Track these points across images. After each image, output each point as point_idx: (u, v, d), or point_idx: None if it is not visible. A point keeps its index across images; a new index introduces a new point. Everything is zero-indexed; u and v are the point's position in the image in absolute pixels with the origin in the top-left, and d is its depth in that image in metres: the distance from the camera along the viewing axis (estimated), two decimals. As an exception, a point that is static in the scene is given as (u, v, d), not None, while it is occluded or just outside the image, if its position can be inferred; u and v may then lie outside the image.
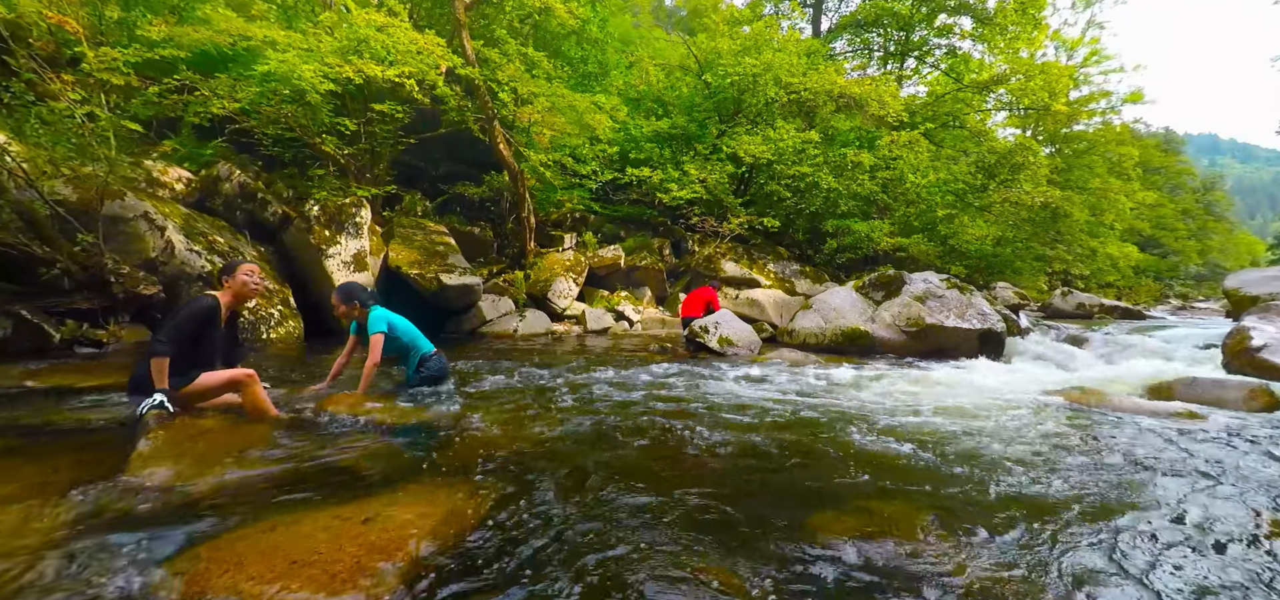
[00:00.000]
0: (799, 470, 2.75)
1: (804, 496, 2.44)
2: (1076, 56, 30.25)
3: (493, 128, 10.56)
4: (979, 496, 2.45)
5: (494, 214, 13.09)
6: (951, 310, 7.62)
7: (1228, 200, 50.69)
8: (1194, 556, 1.90)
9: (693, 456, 2.93)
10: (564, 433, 3.33)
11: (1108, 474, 2.76)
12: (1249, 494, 2.49)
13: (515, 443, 3.08)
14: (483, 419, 3.60)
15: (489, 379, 5.10)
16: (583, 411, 3.89)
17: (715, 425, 3.57)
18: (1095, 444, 3.25)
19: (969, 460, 2.93)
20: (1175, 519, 2.22)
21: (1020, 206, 16.55)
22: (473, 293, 9.35)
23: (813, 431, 3.46)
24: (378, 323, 4.12)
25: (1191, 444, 3.27)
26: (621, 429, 3.42)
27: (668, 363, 6.41)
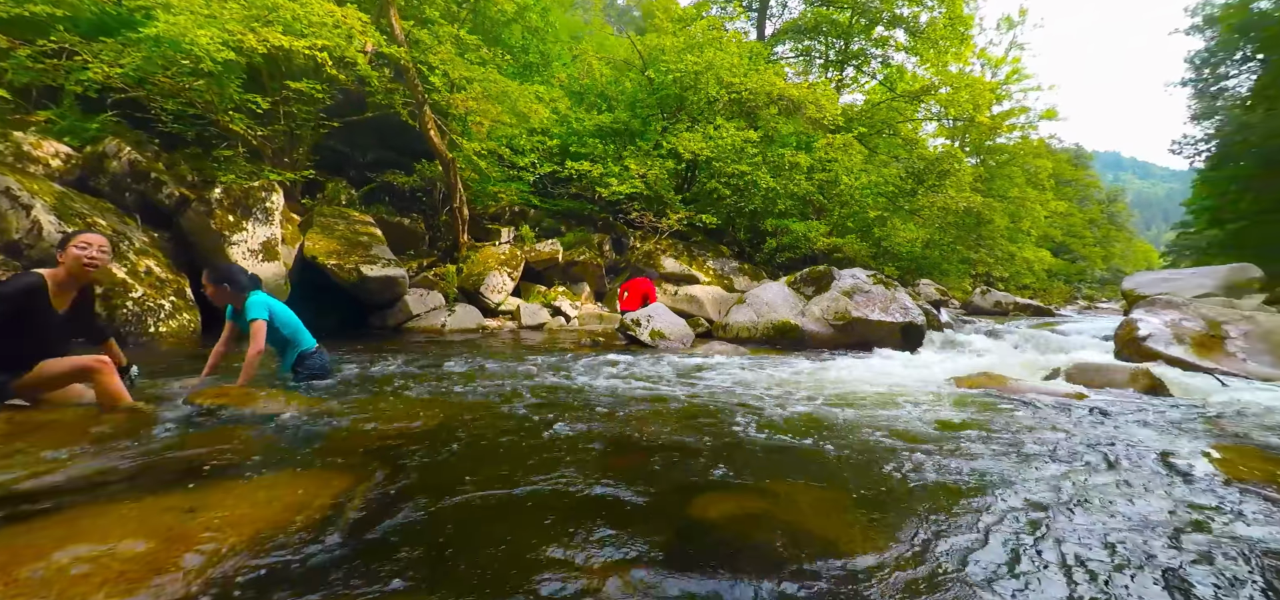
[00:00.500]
0: (701, 455, 2.64)
1: (699, 480, 2.32)
2: (1000, 74, 32.15)
3: (423, 113, 10.10)
4: (871, 473, 2.41)
5: (426, 205, 12.55)
6: (876, 305, 7.80)
7: (1128, 212, 55.31)
8: (1062, 519, 1.89)
9: (594, 445, 2.77)
10: (459, 422, 3.10)
11: (994, 445, 2.82)
12: (1117, 461, 2.56)
13: (402, 433, 2.84)
14: (372, 409, 3.32)
15: (400, 372, 4.78)
16: (488, 402, 3.66)
17: (627, 414, 3.43)
18: (988, 421, 3.31)
19: (867, 439, 2.90)
20: (1047, 483, 2.24)
21: (947, 211, 17.39)
22: (397, 286, 8.89)
23: (726, 418, 3.37)
24: (258, 309, 3.74)
25: (1073, 419, 3.39)
26: (524, 419, 3.23)
27: (596, 355, 6.24)
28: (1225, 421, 3.44)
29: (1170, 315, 6.07)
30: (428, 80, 10.04)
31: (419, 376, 4.53)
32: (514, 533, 1.71)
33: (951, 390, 4.31)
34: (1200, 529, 1.88)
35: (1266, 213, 21.87)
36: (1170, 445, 2.91)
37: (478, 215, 13.06)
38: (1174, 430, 3.23)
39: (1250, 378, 4.93)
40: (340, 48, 8.23)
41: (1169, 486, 2.31)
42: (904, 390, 4.28)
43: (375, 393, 3.86)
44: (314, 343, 4.20)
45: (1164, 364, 5.24)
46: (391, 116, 10.79)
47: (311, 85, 9.13)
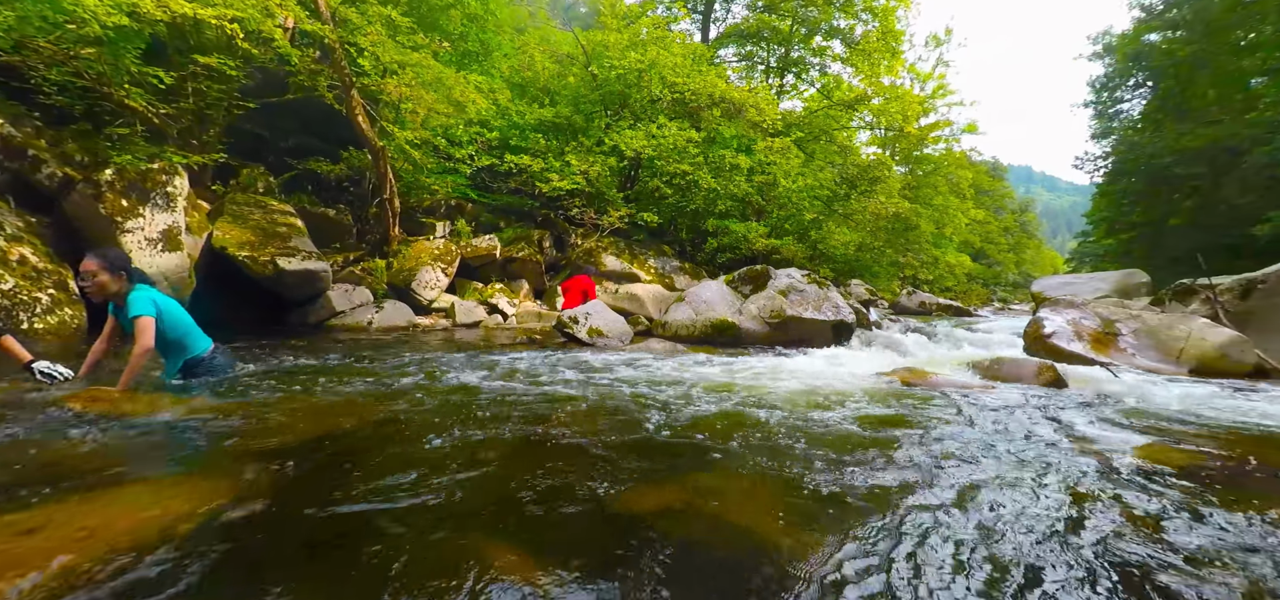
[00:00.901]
0: (631, 452, 2.55)
1: (626, 477, 2.23)
2: (927, 88, 33.96)
3: (350, 98, 9.55)
4: (796, 467, 2.40)
5: (354, 196, 11.91)
6: (810, 304, 7.99)
7: (1038, 221, 59.85)
8: (971, 505, 1.93)
9: (516, 445, 2.63)
10: (366, 425, 2.89)
11: (913, 438, 2.90)
12: (1019, 450, 2.69)
13: (299, 439, 2.60)
14: (269, 414, 3.05)
15: (312, 372, 4.45)
16: (405, 403, 3.45)
17: (556, 413, 3.30)
18: (908, 414, 3.41)
19: (794, 433, 2.91)
20: (958, 472, 2.30)
21: (878, 216, 18.17)
22: (318, 280, 8.36)
23: (658, 415, 3.31)
24: (143, 304, 3.35)
25: (986, 411, 3.56)
26: (442, 420, 3.04)
27: (531, 352, 6.06)
28: (1115, 410, 3.69)
29: (1071, 314, 6.52)
30: (356, 63, 9.51)
31: (333, 377, 4.23)
32: (415, 541, 1.56)
33: (876, 385, 4.43)
34: (1088, 509, 1.97)
35: (1153, 224, 24.16)
36: (1064, 433, 3.08)
37: (411, 208, 12.51)
38: (1068, 419, 3.43)
39: (1138, 370, 5.35)
40: (255, 21, 7.64)
41: (1062, 472, 2.42)
42: (832, 386, 4.36)
43: (279, 395, 3.55)
44: (208, 344, 3.81)
45: (1066, 359, 5.61)
46: (316, 100, 10.15)
47: (223, 61, 8.46)
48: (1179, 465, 2.54)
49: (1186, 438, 3.08)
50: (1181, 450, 2.81)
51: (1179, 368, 5.28)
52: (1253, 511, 1.98)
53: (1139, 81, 26.26)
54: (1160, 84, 24.54)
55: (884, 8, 19.59)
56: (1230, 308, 6.03)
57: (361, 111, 9.72)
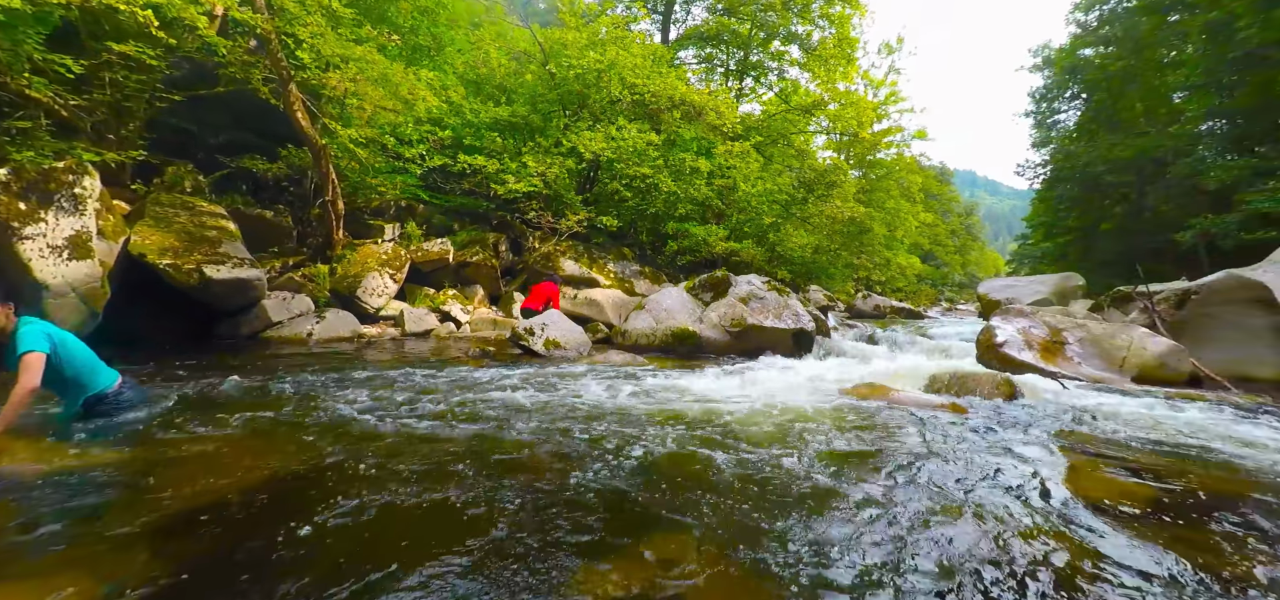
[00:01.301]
0: (583, 506, 2.34)
1: (573, 550, 2.02)
2: (880, 94, 34.88)
3: (288, 93, 8.95)
4: (767, 518, 2.24)
5: (294, 196, 11.21)
6: (770, 311, 7.95)
7: (981, 225, 62.62)
8: (944, 526, 1.81)
9: (462, 503, 2.38)
10: (287, 474, 2.58)
11: (885, 471, 2.80)
12: (991, 474, 2.62)
13: (205, 497, 2.28)
14: (174, 460, 2.70)
15: (240, 397, 4.04)
16: (336, 441, 3.13)
17: (505, 455, 3.05)
18: (876, 443, 3.33)
19: (762, 479, 2.76)
20: (932, 506, 2.20)
21: (834, 220, 18.45)
22: (251, 289, 7.79)
23: (618, 452, 3.10)
24: (33, 339, 2.93)
25: (952, 432, 3.52)
26: (378, 467, 2.75)
27: (484, 368, 5.75)
28: (1069, 428, 3.71)
29: (1021, 323, 6.66)
30: (295, 55, 8.91)
31: (259, 406, 3.84)
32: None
33: (841, 406, 4.35)
34: (1055, 539, 1.87)
35: (1087, 229, 25.50)
36: (1028, 456, 3.06)
37: (357, 210, 11.89)
38: (1030, 439, 3.42)
39: (1083, 380, 5.49)
40: (175, 7, 7.03)
41: (1029, 502, 2.34)
42: (798, 410, 4.25)
43: (191, 435, 3.17)
44: (114, 378, 3.38)
45: (1017, 369, 5.71)
46: (251, 94, 9.49)
47: (142, 49, 7.76)
48: (1129, 495, 2.51)
49: (1134, 460, 3.09)
50: (1130, 480, 2.79)
51: (1122, 376, 5.43)
52: (1190, 550, 1.93)
53: (1074, 93, 27.66)
54: (1093, 97, 25.91)
55: (840, 15, 19.91)
56: (1166, 317, 6.27)
57: (301, 107, 9.13)
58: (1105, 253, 23.68)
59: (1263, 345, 5.62)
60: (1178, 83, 19.64)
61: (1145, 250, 20.35)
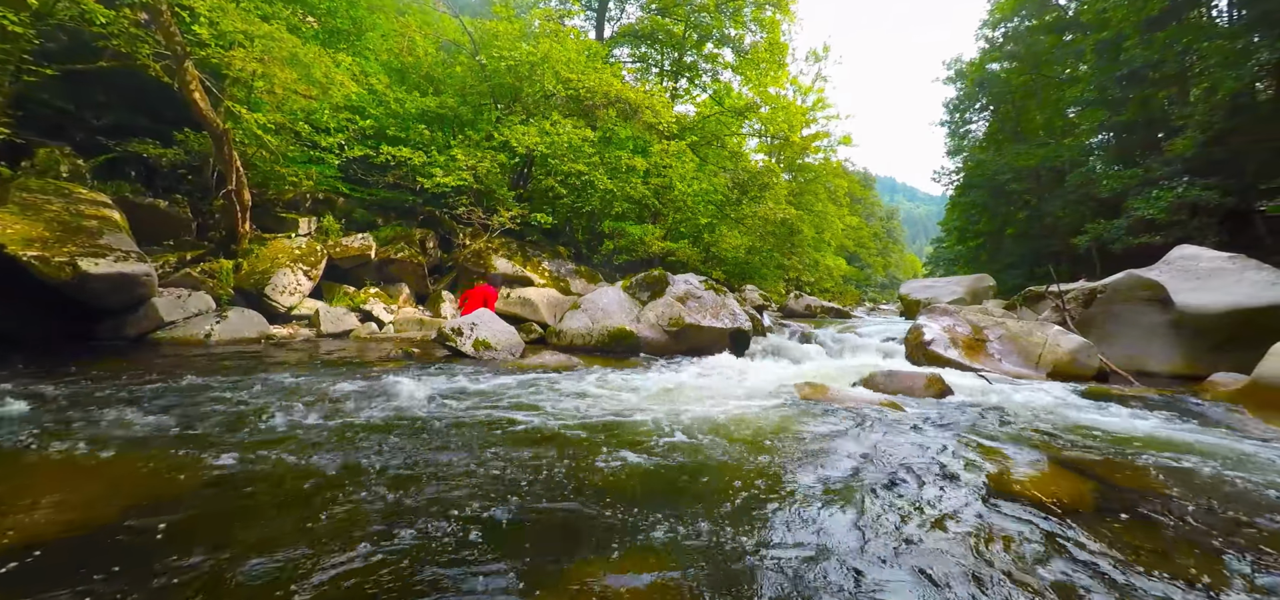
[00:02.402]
0: (502, 527, 2.12)
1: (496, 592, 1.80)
2: (808, 100, 36.16)
3: (183, 71, 8.07)
4: (713, 539, 2.10)
5: (193, 186, 10.18)
6: (708, 311, 7.92)
7: (902, 228, 66.37)
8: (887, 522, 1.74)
9: (357, 504, 2.10)
10: (132, 508, 2.21)
11: (833, 471, 2.73)
12: (932, 471, 2.61)
13: (17, 543, 1.89)
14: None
15: (103, 411, 3.50)
16: (207, 460, 2.74)
17: (417, 469, 2.76)
18: (819, 441, 3.28)
19: (706, 490, 2.63)
20: (879, 507, 2.13)
21: (767, 221, 18.88)
22: (138, 285, 6.95)
23: (546, 463, 2.89)
24: None
25: (890, 429, 3.53)
26: (253, 493, 2.41)
27: (403, 371, 5.35)
28: (993, 425, 3.82)
29: (946, 321, 6.95)
30: (191, 30, 8.06)
31: (123, 423, 3.33)
32: None
33: (780, 407, 4.31)
34: (994, 539, 1.84)
35: (995, 233, 27.44)
36: (962, 453, 3.08)
37: (269, 202, 10.96)
38: (968, 434, 3.47)
39: (1005, 376, 5.76)
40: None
41: (965, 498, 2.33)
42: (738, 414, 4.17)
43: (27, 452, 2.68)
44: None
45: (943, 365, 5.93)
46: (143, 72, 8.50)
47: (3, 13, 6.78)
48: (1059, 489, 2.56)
49: (1058, 449, 3.20)
50: (1060, 471, 2.87)
51: (1038, 371, 5.74)
52: (1102, 533, 1.96)
53: (984, 105, 29.70)
54: (999, 109, 27.94)
55: (770, 19, 20.41)
56: (1075, 315, 6.71)
57: (199, 88, 8.27)
58: (1011, 255, 25.55)
59: (1159, 341, 6.11)
60: (1073, 98, 21.44)
61: (1045, 253, 22.12)
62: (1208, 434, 3.64)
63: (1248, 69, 13.50)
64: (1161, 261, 7.09)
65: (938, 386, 4.66)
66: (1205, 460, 3.05)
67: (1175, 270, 6.69)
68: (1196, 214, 14.62)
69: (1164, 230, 14.49)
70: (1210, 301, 6.09)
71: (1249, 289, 5.99)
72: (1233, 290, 6.10)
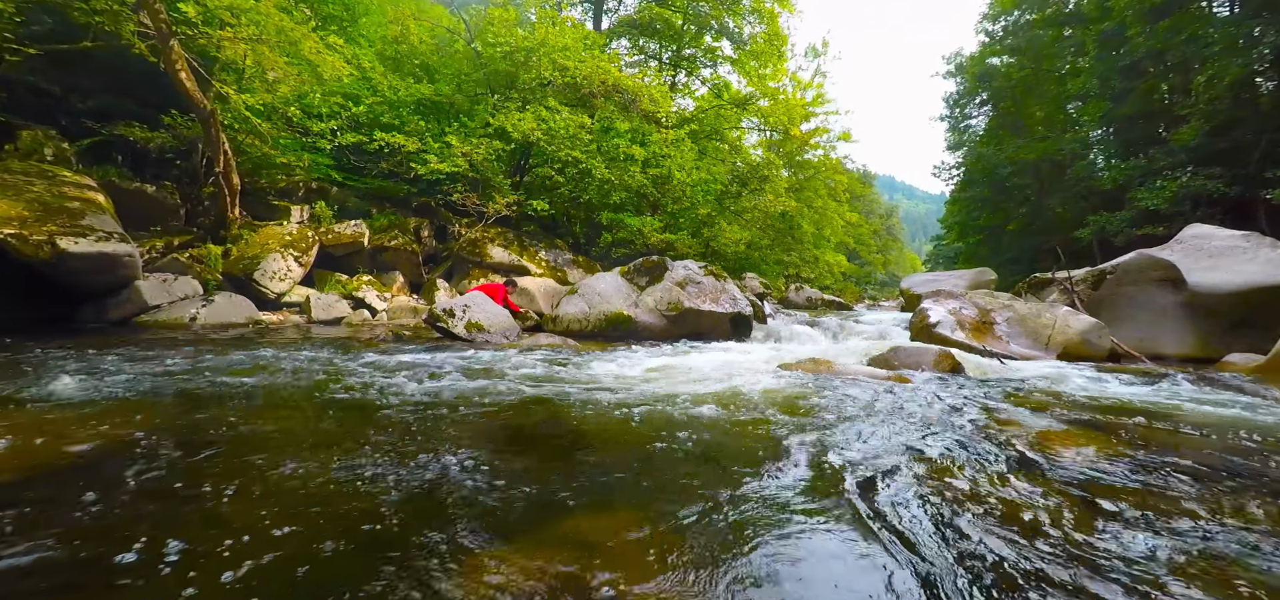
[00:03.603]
0: (493, 473, 1.94)
1: (493, 503, 1.62)
2: (808, 95, 35.96)
3: (169, 52, 7.88)
4: (711, 462, 1.92)
5: (182, 172, 10.00)
6: (707, 296, 7.73)
7: (901, 226, 66.21)
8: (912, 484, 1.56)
9: (330, 495, 1.92)
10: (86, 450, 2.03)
11: (842, 426, 2.57)
12: (944, 434, 2.43)
13: None
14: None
15: (64, 391, 3.31)
16: (182, 425, 2.56)
17: (398, 432, 2.58)
18: (828, 404, 3.10)
19: (706, 429, 2.45)
20: (890, 465, 1.96)
21: (767, 214, 18.70)
22: (120, 266, 6.76)
23: (542, 426, 2.71)
24: None
25: (902, 399, 3.35)
26: (222, 449, 2.23)
27: (389, 352, 5.16)
28: (1009, 394, 3.65)
29: (952, 304, 6.77)
30: (177, 7, 7.87)
31: (87, 402, 3.14)
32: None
33: (785, 378, 4.13)
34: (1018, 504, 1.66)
35: (995, 229, 27.29)
36: (988, 420, 2.90)
37: (261, 189, 10.78)
38: (983, 401, 3.29)
39: (1014, 357, 5.58)
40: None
41: (991, 458, 2.15)
42: (739, 383, 3.99)
43: None
44: None
45: (950, 348, 5.74)
46: (130, 54, 8.32)
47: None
48: (1087, 446, 2.38)
49: (1081, 413, 3.02)
50: (1086, 431, 2.69)
51: (1048, 353, 5.56)
52: (1136, 500, 1.78)
53: (984, 100, 29.55)
54: (1000, 104, 27.78)
55: (769, 11, 20.23)
56: (1084, 297, 6.53)
57: (185, 68, 8.07)
58: (1011, 250, 25.40)
59: (1171, 322, 5.93)
60: (1075, 90, 21.29)
61: (1046, 249, 21.96)
62: (1232, 403, 3.47)
63: (1250, 57, 13.36)
64: (1173, 241, 6.91)
65: (949, 362, 4.48)
66: (1233, 426, 2.88)
67: (1187, 249, 6.51)
68: (1199, 205, 14.48)
69: (1167, 221, 14.34)
70: (1224, 281, 5.92)
71: (1264, 267, 5.81)
72: (1247, 269, 5.92)
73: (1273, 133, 13.86)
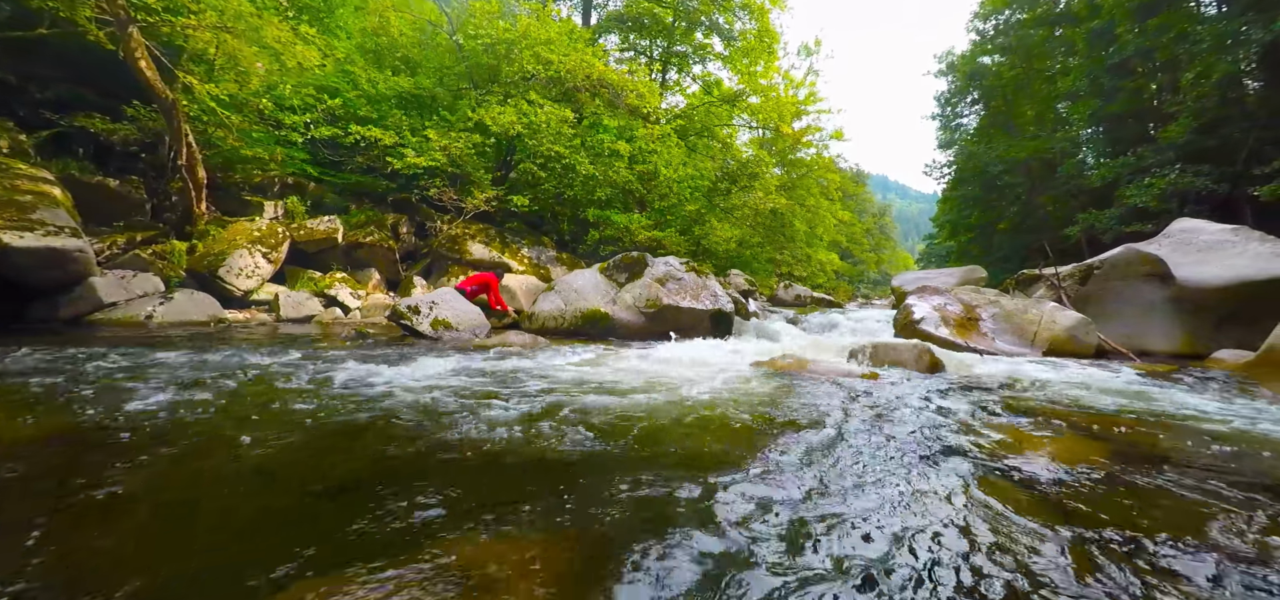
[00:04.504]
0: (407, 479, 1.71)
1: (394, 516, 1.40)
2: (800, 93, 35.81)
3: (128, 37, 7.58)
4: (657, 459, 1.70)
5: (149, 165, 9.67)
6: (688, 292, 7.52)
7: (894, 225, 66.25)
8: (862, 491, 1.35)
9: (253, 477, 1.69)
10: None
11: (796, 429, 2.31)
12: (911, 436, 2.22)
13: None
14: None
15: None
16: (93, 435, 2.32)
17: (346, 425, 2.35)
18: (790, 403, 2.88)
19: (655, 432, 2.23)
20: (853, 471, 1.74)
21: (757, 212, 18.50)
22: (70, 262, 6.47)
23: (476, 419, 2.48)
24: None
25: (872, 399, 3.14)
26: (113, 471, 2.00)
27: (347, 350, 4.92)
28: (989, 393, 3.45)
29: (937, 300, 6.58)
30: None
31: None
32: None
33: (755, 375, 3.92)
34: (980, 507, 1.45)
35: (986, 227, 27.21)
36: (956, 422, 2.69)
37: (235, 185, 10.48)
38: (959, 405, 3.09)
39: (998, 354, 5.40)
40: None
41: (951, 467, 1.94)
42: (705, 382, 3.77)
43: None
44: None
45: (934, 344, 5.55)
46: (91, 42, 8.00)
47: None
48: (1067, 454, 2.18)
49: (1063, 415, 2.82)
50: (1063, 437, 2.49)
51: (1034, 350, 5.37)
52: (1114, 517, 1.58)
53: (975, 98, 29.47)
54: (991, 102, 27.69)
55: (759, 7, 20.02)
56: (1071, 292, 6.36)
57: (145, 56, 7.78)
58: (1002, 249, 25.31)
59: (1158, 317, 5.76)
60: (1065, 89, 21.18)
61: (1037, 247, 21.85)
62: (1222, 403, 3.28)
63: (1239, 55, 13.26)
64: (1160, 235, 6.75)
65: (928, 359, 4.27)
66: (1223, 429, 2.68)
67: (1175, 243, 6.36)
68: (1187, 202, 14.39)
69: (1155, 219, 14.23)
70: (1212, 276, 5.75)
71: (1253, 261, 5.66)
72: (1235, 264, 5.76)
73: (1260, 130, 13.78)
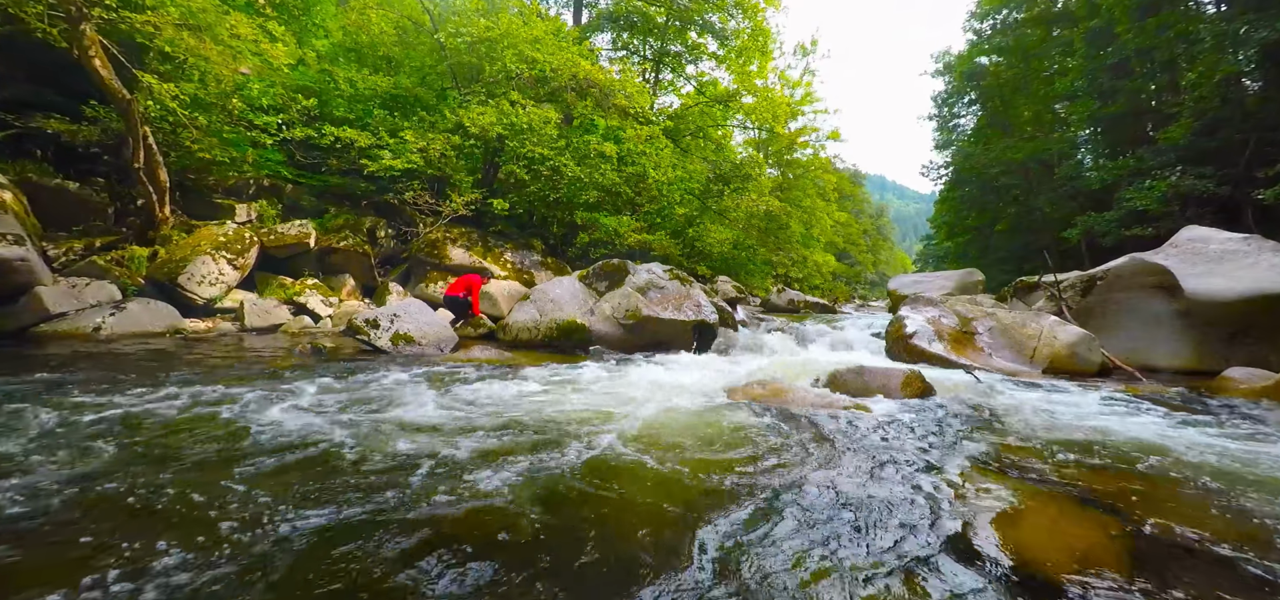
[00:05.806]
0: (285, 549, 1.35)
1: None
2: (796, 94, 35.45)
3: (80, 35, 7.20)
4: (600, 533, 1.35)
5: (112, 167, 9.29)
6: (670, 302, 7.17)
7: (892, 226, 66.03)
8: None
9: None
10: None
11: (741, 499, 1.96)
12: (882, 506, 1.86)
13: None
14: None
15: None
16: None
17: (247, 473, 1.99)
18: (760, 449, 2.53)
19: (553, 503, 1.87)
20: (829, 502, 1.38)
21: (752, 214, 18.15)
22: (11, 271, 6.09)
23: (399, 467, 2.12)
24: None
25: (854, 440, 2.78)
26: None
27: (288, 371, 4.54)
28: (981, 433, 3.09)
29: (931, 312, 6.24)
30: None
31: None
32: None
33: (727, 408, 3.56)
34: None
35: (984, 228, 26.89)
36: (935, 475, 2.33)
37: (207, 187, 10.10)
38: (940, 447, 2.73)
39: (995, 371, 5.05)
40: None
41: (924, 545, 1.58)
42: (670, 416, 3.41)
43: None
44: None
45: (927, 361, 5.20)
46: (44, 42, 7.61)
47: None
48: (1066, 538, 1.82)
49: (1064, 470, 2.46)
50: (1069, 503, 2.14)
51: (1033, 367, 5.03)
52: None
53: (972, 99, 29.15)
54: (988, 103, 27.36)
55: (753, 6, 19.67)
56: (1072, 304, 6.01)
57: (101, 54, 7.39)
58: (1000, 251, 25.00)
59: (1165, 332, 5.42)
60: (1063, 89, 20.85)
61: (1035, 249, 21.53)
62: (1247, 443, 2.93)
63: (1239, 55, 12.94)
64: (1168, 244, 6.41)
65: (916, 385, 3.92)
66: (1255, 481, 2.33)
67: (1183, 253, 6.01)
68: (1188, 205, 14.07)
69: (1156, 222, 13.91)
70: (1223, 288, 5.41)
71: (1267, 273, 5.31)
72: (1248, 275, 5.42)
73: (1261, 132, 13.47)
